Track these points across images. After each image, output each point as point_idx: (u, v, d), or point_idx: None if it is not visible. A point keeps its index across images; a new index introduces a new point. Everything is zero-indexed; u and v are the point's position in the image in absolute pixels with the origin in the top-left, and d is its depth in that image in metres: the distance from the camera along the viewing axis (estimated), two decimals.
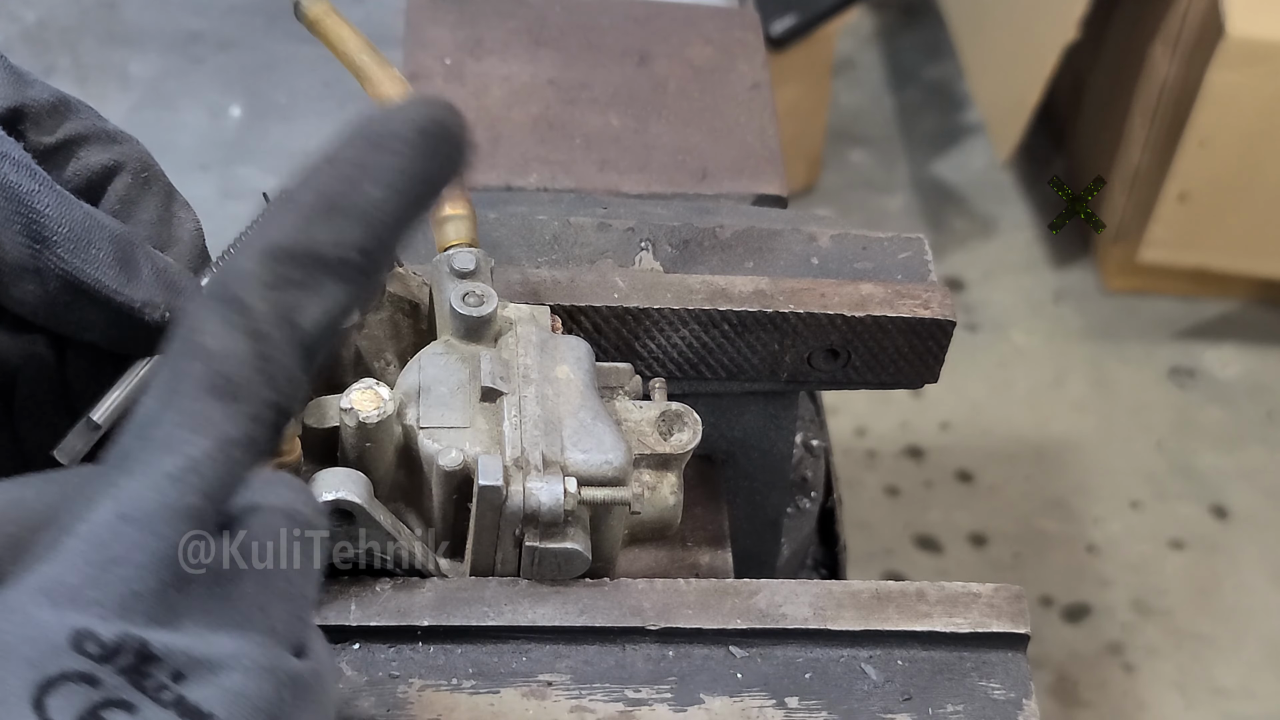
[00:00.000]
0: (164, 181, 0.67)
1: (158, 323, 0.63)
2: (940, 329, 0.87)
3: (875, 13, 3.01)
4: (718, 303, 0.85)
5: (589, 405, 0.74)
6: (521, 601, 0.73)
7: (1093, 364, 2.51)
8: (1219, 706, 2.12)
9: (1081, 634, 2.18)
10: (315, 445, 0.73)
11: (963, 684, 0.74)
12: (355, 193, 0.50)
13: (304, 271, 0.49)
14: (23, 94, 0.64)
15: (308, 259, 0.49)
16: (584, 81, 1.14)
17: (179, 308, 0.63)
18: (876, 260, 0.91)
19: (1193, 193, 2.35)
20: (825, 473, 1.09)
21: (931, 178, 2.78)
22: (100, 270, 0.61)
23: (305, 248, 0.49)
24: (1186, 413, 2.46)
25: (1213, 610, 2.22)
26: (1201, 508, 2.34)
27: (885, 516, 2.29)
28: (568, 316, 0.83)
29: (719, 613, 0.74)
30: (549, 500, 0.70)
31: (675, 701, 0.72)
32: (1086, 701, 2.11)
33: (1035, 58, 2.38)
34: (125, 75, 1.47)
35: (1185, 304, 2.58)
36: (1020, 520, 2.30)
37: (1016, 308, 2.58)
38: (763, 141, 1.11)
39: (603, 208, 0.96)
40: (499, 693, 0.72)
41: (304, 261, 0.49)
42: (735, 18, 1.23)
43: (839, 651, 0.75)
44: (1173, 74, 2.34)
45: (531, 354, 0.76)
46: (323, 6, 0.87)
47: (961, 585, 0.76)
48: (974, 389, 2.45)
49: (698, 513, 0.90)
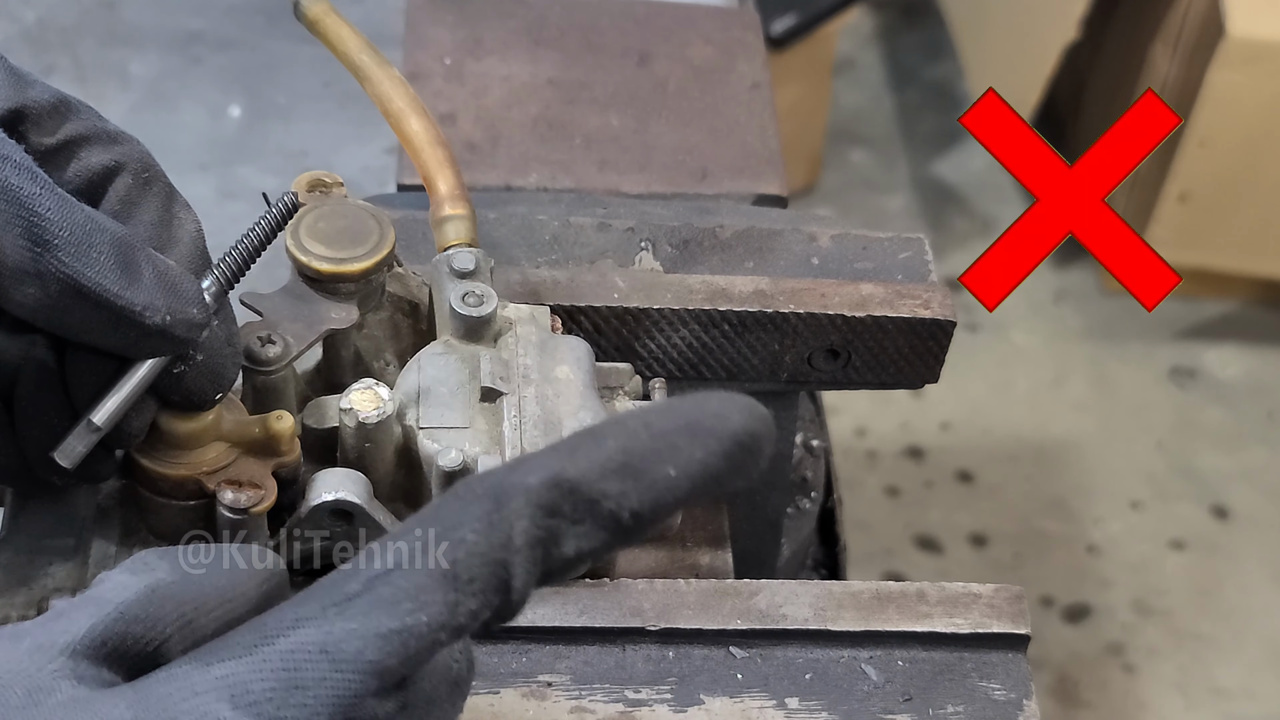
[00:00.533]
0: (164, 182, 0.67)
1: (158, 326, 0.63)
2: (940, 329, 0.87)
3: (875, 13, 3.01)
4: (718, 303, 0.85)
5: (589, 405, 0.74)
6: None
7: (1093, 364, 2.51)
8: (1219, 707, 2.12)
9: (1082, 634, 2.18)
10: (315, 445, 0.73)
11: (963, 684, 0.74)
12: (655, 466, 0.52)
13: (578, 511, 0.51)
14: (23, 95, 0.64)
15: (586, 502, 0.51)
16: (584, 81, 1.14)
17: (179, 310, 0.63)
18: (876, 260, 0.91)
19: (1193, 193, 2.35)
20: (825, 473, 1.09)
21: (931, 178, 2.78)
22: (101, 274, 0.61)
23: (589, 492, 0.51)
24: (1186, 413, 2.46)
25: (1213, 610, 2.22)
26: (1201, 508, 2.34)
27: (885, 517, 2.29)
28: (568, 316, 0.83)
29: (719, 613, 0.74)
30: None
31: (675, 702, 0.72)
32: (1087, 702, 2.11)
33: (1035, 58, 2.38)
34: (125, 75, 1.47)
35: (1185, 304, 2.58)
36: (1020, 520, 2.30)
37: (1016, 308, 2.58)
38: (763, 141, 1.11)
39: (603, 208, 0.96)
40: (499, 693, 0.72)
41: (582, 502, 0.51)
42: (735, 18, 1.23)
43: (839, 652, 0.74)
44: (1173, 74, 2.34)
45: (531, 354, 0.76)
46: (323, 6, 0.87)
47: (962, 586, 0.76)
48: (974, 389, 2.45)
49: (698, 513, 0.90)
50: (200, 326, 0.65)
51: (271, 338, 0.74)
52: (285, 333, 0.74)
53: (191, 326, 0.64)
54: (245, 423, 0.70)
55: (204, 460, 0.69)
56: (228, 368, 0.68)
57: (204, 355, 0.67)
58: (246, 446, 0.70)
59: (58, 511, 0.72)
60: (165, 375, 0.66)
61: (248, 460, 0.70)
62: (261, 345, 0.74)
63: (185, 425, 0.68)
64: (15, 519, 0.72)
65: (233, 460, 0.69)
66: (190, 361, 0.66)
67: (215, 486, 0.68)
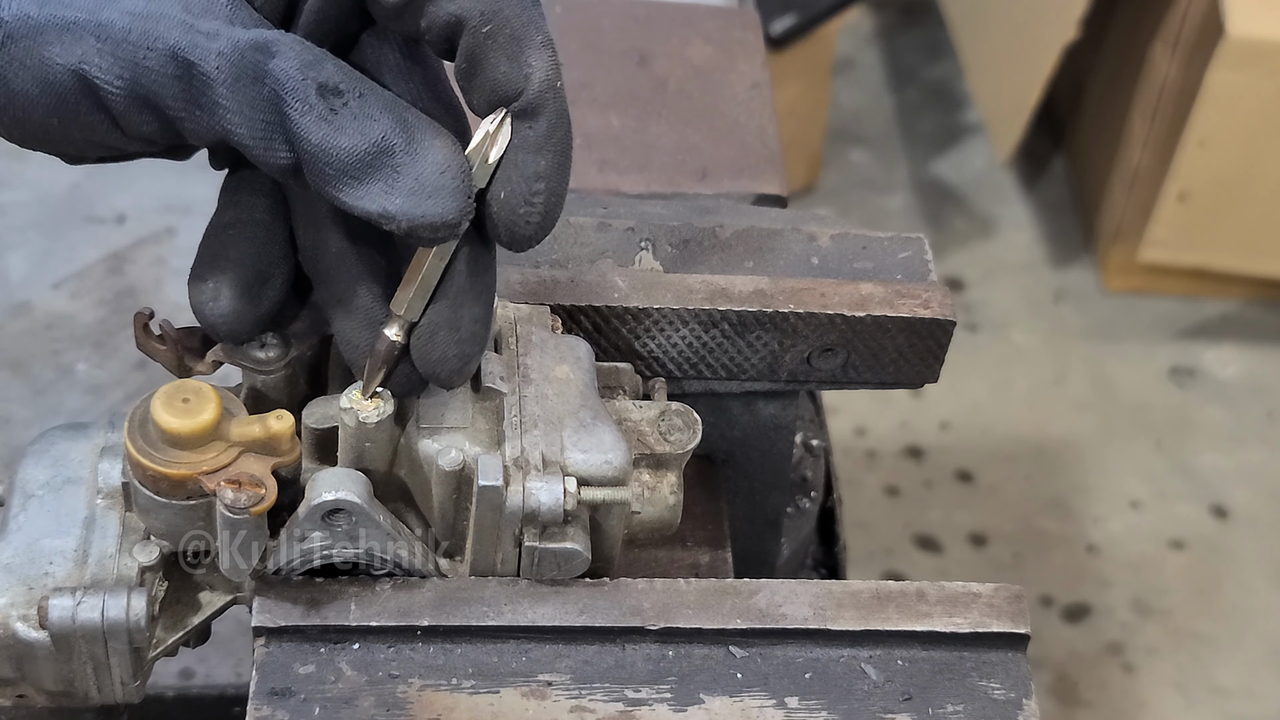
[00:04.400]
0: (510, 28, 0.66)
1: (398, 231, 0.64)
2: (940, 329, 0.87)
3: (875, 13, 3.01)
4: (718, 302, 0.85)
5: (589, 405, 0.74)
6: (521, 601, 0.73)
7: (1093, 364, 2.51)
8: (1219, 706, 2.12)
9: (1081, 634, 2.18)
10: (315, 445, 0.73)
11: (963, 684, 0.74)
12: None
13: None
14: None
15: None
16: (584, 81, 1.14)
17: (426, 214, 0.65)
18: (876, 260, 0.91)
19: (1193, 193, 2.35)
20: (825, 473, 1.09)
21: (931, 178, 2.78)
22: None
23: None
24: (1186, 413, 2.46)
25: (1213, 610, 2.22)
26: (1201, 508, 2.34)
27: (885, 516, 2.29)
28: (568, 316, 0.83)
29: (719, 613, 0.74)
30: (549, 500, 0.70)
31: (675, 701, 0.72)
32: (1086, 701, 2.11)
33: (1035, 58, 2.38)
34: None
35: (1185, 304, 2.58)
36: (1020, 520, 2.30)
37: (1016, 308, 2.58)
38: (762, 141, 1.11)
39: (603, 207, 0.96)
40: (499, 693, 0.72)
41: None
42: (735, 17, 1.23)
43: (839, 651, 0.74)
44: (1173, 74, 2.34)
45: (531, 354, 0.76)
46: None
47: (961, 585, 0.76)
48: (974, 389, 2.45)
49: (698, 513, 0.90)
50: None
51: (271, 338, 0.74)
52: (285, 333, 0.74)
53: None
54: (245, 422, 0.70)
55: (204, 460, 0.69)
56: (436, 353, 0.70)
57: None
58: (246, 446, 0.70)
59: (58, 511, 0.72)
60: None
61: (248, 460, 0.70)
62: (261, 345, 0.74)
63: (185, 425, 0.68)
64: (15, 518, 0.72)
65: (233, 460, 0.69)
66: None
67: (215, 486, 0.68)
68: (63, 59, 0.63)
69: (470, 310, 0.69)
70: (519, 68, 0.65)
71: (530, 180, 0.66)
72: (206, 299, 0.71)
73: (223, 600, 0.74)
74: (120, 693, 0.72)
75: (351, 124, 0.64)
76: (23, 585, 0.70)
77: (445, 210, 0.64)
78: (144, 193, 1.28)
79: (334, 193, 0.64)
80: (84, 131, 0.66)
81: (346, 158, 0.63)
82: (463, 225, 0.65)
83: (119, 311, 1.19)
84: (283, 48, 0.63)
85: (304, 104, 0.63)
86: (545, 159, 0.67)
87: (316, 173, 0.64)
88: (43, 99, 0.64)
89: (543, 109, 0.66)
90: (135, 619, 0.69)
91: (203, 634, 0.75)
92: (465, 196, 0.65)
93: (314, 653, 0.72)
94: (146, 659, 0.72)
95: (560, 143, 0.67)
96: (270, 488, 0.69)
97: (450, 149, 0.65)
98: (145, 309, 0.74)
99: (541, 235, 0.68)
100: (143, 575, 0.70)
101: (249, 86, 0.63)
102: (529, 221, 0.67)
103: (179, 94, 0.64)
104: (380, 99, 0.65)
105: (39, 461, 0.74)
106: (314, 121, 0.63)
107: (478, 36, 0.65)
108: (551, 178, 0.67)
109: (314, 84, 0.63)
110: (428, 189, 0.64)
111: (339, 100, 0.64)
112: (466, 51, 0.65)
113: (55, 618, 0.68)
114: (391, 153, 0.64)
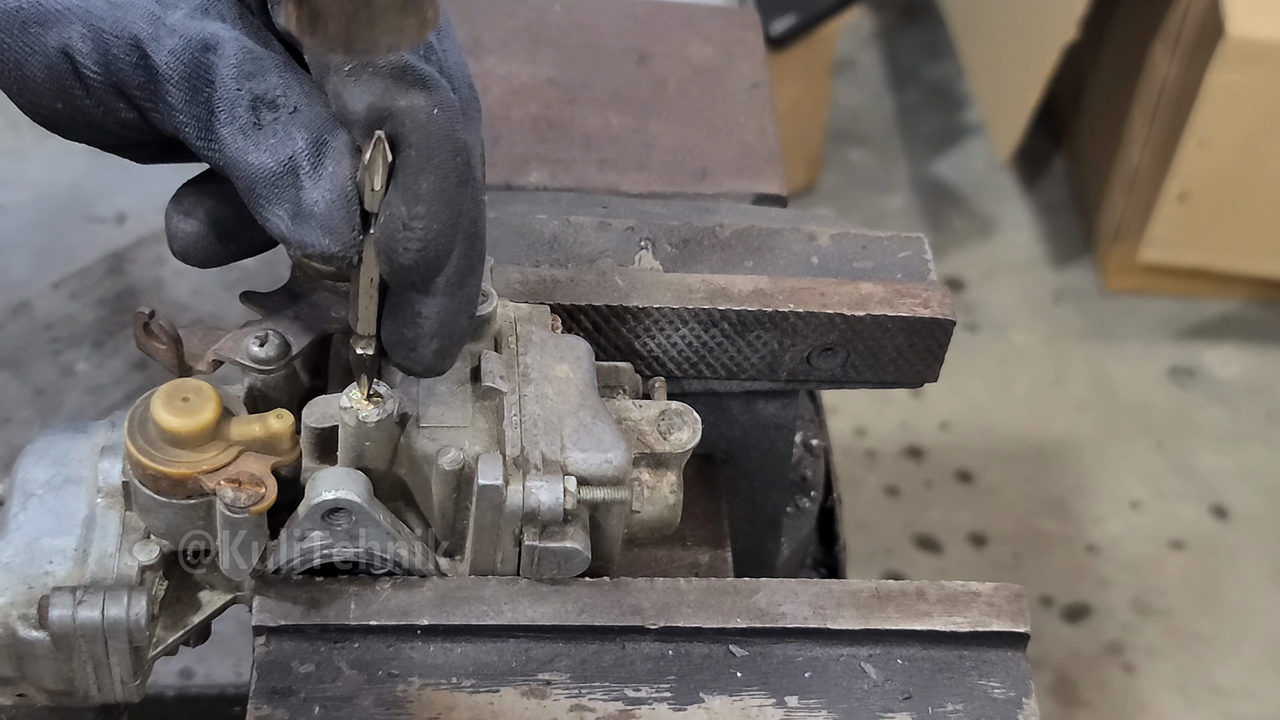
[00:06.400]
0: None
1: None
2: (940, 328, 0.87)
3: (875, 13, 3.01)
4: (717, 302, 0.85)
5: (589, 405, 0.74)
6: (521, 600, 0.73)
7: (1093, 364, 2.51)
8: (1219, 706, 2.12)
9: (1081, 634, 2.18)
10: (315, 445, 0.73)
11: (962, 683, 0.74)
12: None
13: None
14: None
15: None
16: (584, 81, 1.14)
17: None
18: (876, 260, 0.91)
19: (1193, 193, 2.35)
20: (825, 472, 1.09)
21: (931, 178, 2.78)
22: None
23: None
24: (1186, 413, 2.46)
25: (1213, 610, 2.22)
26: (1201, 508, 2.34)
27: (885, 516, 2.29)
28: (568, 316, 0.83)
29: (719, 612, 0.74)
30: (549, 500, 0.70)
31: (675, 700, 0.72)
32: (1086, 701, 2.11)
33: (1035, 58, 2.38)
34: None
35: (1185, 304, 2.58)
36: (1020, 520, 2.30)
37: (1016, 308, 2.58)
38: (762, 141, 1.11)
39: (602, 207, 0.96)
40: (499, 691, 0.72)
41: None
42: (735, 17, 1.23)
43: (839, 650, 0.75)
44: (1173, 74, 2.34)
45: (531, 354, 0.76)
46: None
47: (961, 584, 0.76)
48: (974, 389, 2.45)
49: (697, 512, 0.90)
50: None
51: (271, 337, 0.74)
52: (285, 332, 0.74)
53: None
54: (245, 422, 0.70)
55: (204, 459, 0.69)
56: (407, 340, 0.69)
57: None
58: (246, 445, 0.70)
59: (58, 510, 0.72)
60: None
61: (248, 459, 0.70)
62: (260, 345, 0.74)
63: (185, 424, 0.69)
64: (15, 518, 0.72)
65: (233, 459, 0.69)
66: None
67: (215, 486, 0.68)
68: (55, 43, 0.64)
69: (425, 189, 0.65)
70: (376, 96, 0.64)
71: (409, 203, 0.63)
72: (179, 214, 0.69)
73: (223, 599, 0.74)
74: (120, 692, 0.72)
75: (269, 141, 0.63)
76: (23, 584, 0.70)
77: (330, 242, 0.64)
78: (144, 193, 1.28)
79: (250, 204, 0.64)
80: (84, 117, 0.66)
81: (256, 174, 0.63)
82: (350, 257, 0.64)
83: (119, 311, 1.19)
84: (228, 52, 0.63)
85: (230, 114, 0.63)
86: (426, 182, 0.63)
87: (235, 184, 0.64)
88: (47, 83, 0.65)
89: (407, 132, 0.64)
90: (135, 618, 0.69)
91: (203, 633, 0.75)
92: (349, 229, 0.63)
93: (314, 652, 0.72)
94: (146, 658, 0.72)
95: (441, 166, 0.64)
96: (270, 487, 0.69)
97: (344, 177, 0.63)
98: (145, 308, 0.74)
99: (426, 267, 0.65)
100: (143, 574, 0.70)
101: (195, 86, 0.63)
102: (407, 249, 0.64)
103: (142, 84, 0.64)
104: (307, 117, 0.64)
105: (39, 461, 0.74)
106: (234, 134, 0.63)
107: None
108: (433, 202, 0.64)
109: (249, 95, 0.63)
110: (318, 218, 0.63)
111: (270, 114, 0.63)
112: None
113: (55, 617, 0.68)
114: (297, 175, 0.63)
